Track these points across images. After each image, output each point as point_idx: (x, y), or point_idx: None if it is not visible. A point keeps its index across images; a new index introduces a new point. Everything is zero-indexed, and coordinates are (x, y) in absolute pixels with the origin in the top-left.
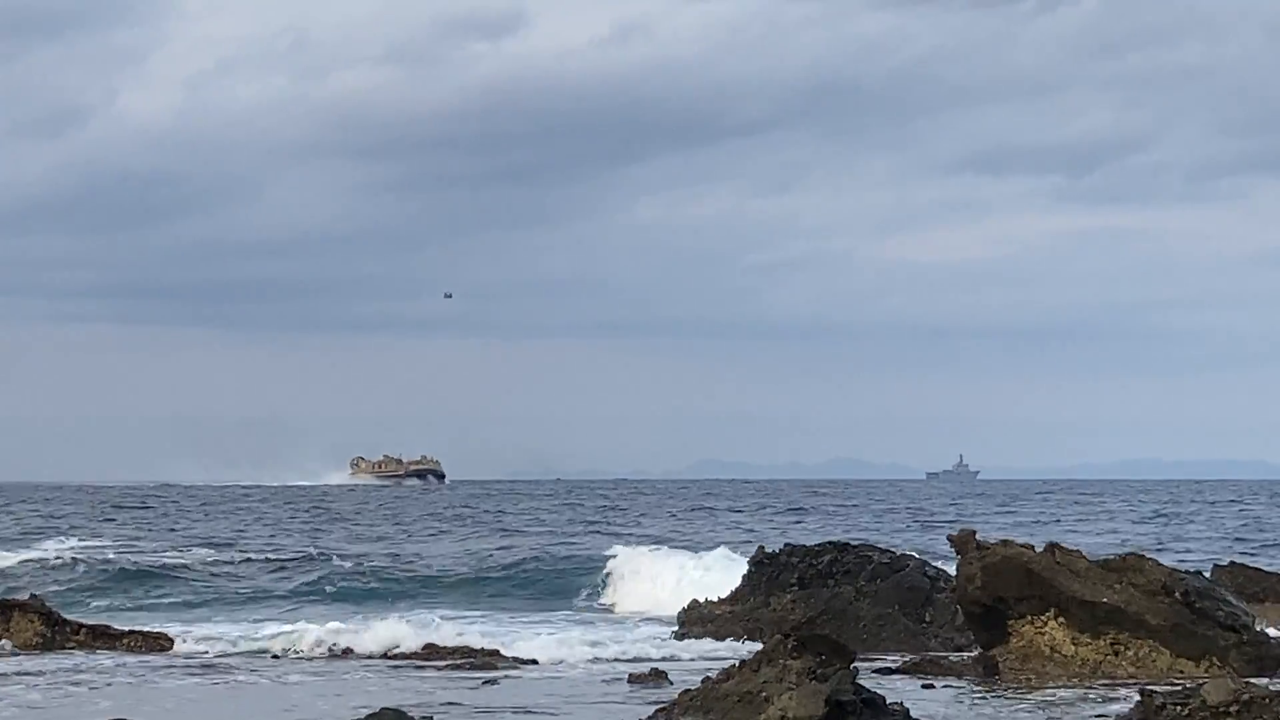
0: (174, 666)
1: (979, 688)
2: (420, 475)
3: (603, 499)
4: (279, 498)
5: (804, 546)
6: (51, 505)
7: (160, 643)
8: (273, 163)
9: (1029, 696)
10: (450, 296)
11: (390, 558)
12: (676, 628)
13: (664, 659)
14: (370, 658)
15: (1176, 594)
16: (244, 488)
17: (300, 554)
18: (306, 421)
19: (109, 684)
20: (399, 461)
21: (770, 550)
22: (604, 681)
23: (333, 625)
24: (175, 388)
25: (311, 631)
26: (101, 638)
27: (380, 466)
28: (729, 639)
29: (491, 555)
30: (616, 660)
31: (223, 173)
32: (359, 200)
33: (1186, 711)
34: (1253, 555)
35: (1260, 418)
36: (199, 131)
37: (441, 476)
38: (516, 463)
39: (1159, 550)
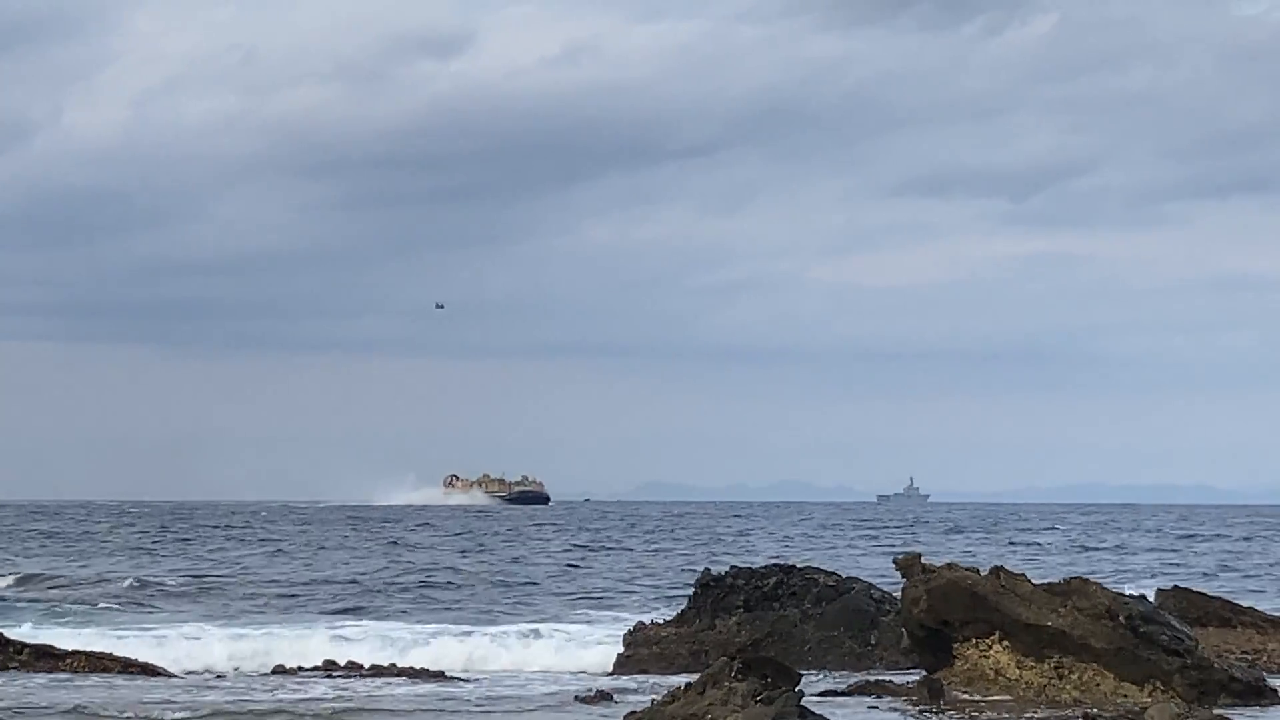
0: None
1: (923, 710)
2: (524, 497)
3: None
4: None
5: (749, 569)
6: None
7: (104, 664)
8: (220, 180)
9: (973, 719)
10: (442, 307)
11: None
12: (623, 649)
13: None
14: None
15: (1121, 618)
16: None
17: None
18: (257, 440)
19: None
20: (502, 481)
21: (716, 572)
22: (549, 700)
23: None
24: (118, 406)
25: None
26: (44, 658)
27: (480, 486)
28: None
29: None
30: (563, 679)
31: (169, 190)
32: (306, 218)
33: None
34: (1196, 580)
35: (1202, 442)
36: (146, 148)
37: (546, 499)
38: None
39: (1103, 575)
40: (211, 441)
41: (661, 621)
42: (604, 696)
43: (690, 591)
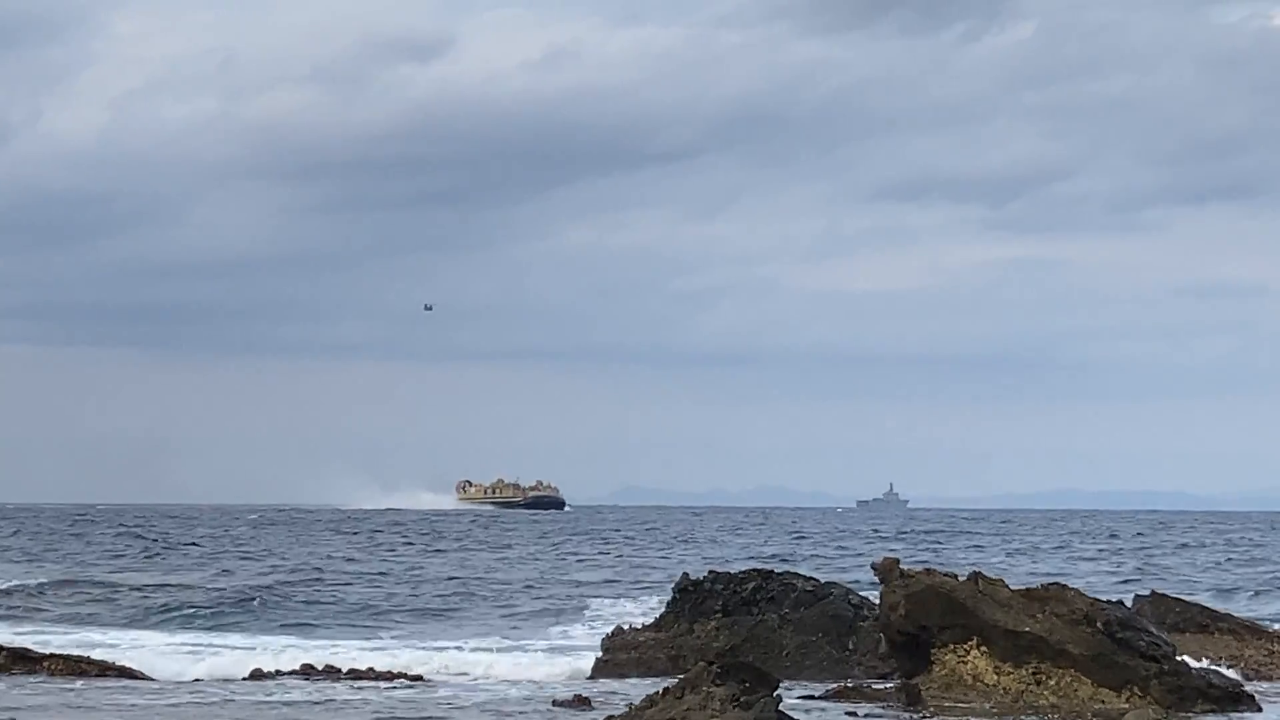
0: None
1: (902, 716)
2: (539, 503)
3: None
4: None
5: (728, 574)
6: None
7: (81, 667)
8: (199, 183)
9: None
10: (431, 308)
11: None
12: (601, 653)
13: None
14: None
15: (1098, 624)
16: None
17: None
18: (236, 443)
19: None
20: (516, 486)
21: (695, 577)
22: (527, 704)
23: None
24: (99, 409)
25: None
26: (21, 661)
27: (494, 491)
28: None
29: None
30: (542, 683)
31: (148, 193)
32: (285, 222)
33: None
34: (1173, 585)
35: (1180, 448)
36: (125, 151)
37: (561, 504)
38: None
39: (1078, 580)
40: (191, 445)
41: (640, 626)
42: (582, 701)
43: (669, 596)
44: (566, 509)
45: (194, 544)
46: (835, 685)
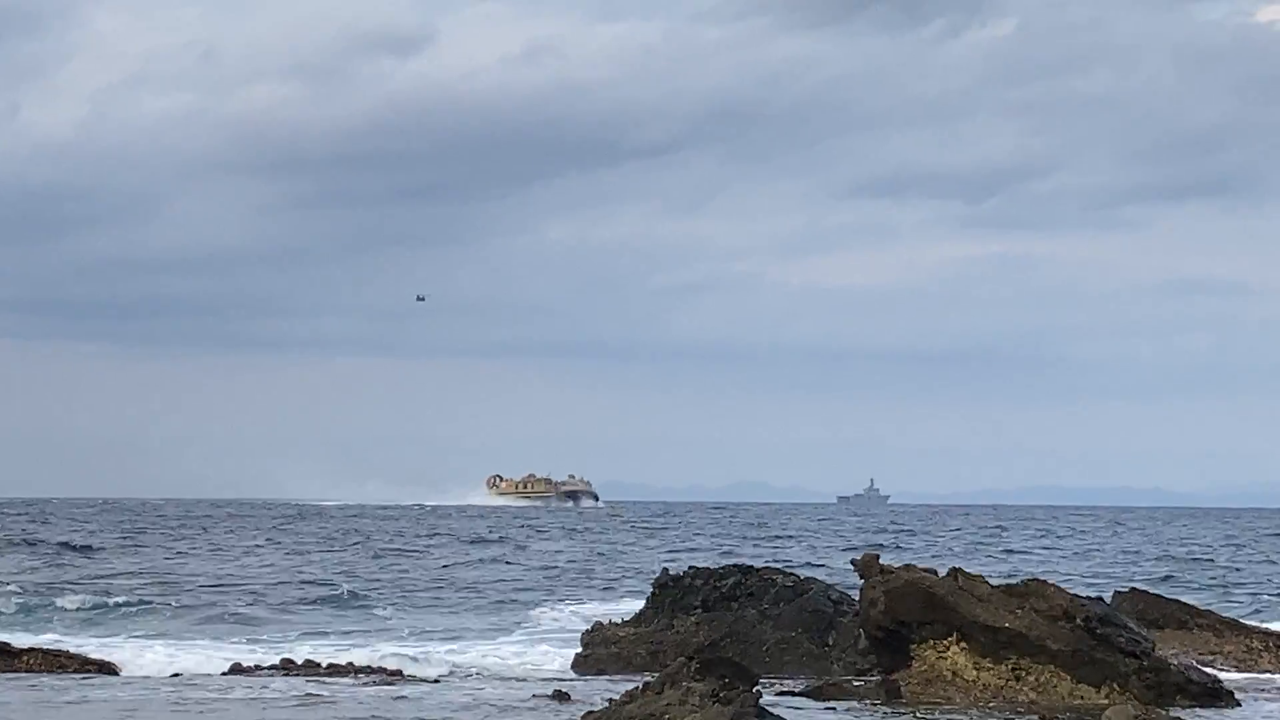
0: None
1: (881, 711)
2: (572, 496)
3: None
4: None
5: (708, 569)
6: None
7: (60, 662)
8: (178, 178)
9: None
10: (424, 299)
11: None
12: (581, 649)
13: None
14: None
15: (1078, 620)
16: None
17: None
18: (219, 439)
19: None
20: (548, 481)
21: (674, 573)
22: (507, 699)
23: None
24: (80, 404)
25: None
26: (0, 656)
27: (526, 486)
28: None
29: None
30: (520, 679)
31: (127, 188)
32: (265, 217)
33: None
34: (1153, 582)
35: (1159, 445)
36: (104, 146)
37: (595, 498)
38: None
39: (1059, 576)
40: (170, 440)
41: (619, 621)
42: (562, 696)
43: (649, 591)
44: (599, 504)
45: (175, 534)
46: (815, 681)
